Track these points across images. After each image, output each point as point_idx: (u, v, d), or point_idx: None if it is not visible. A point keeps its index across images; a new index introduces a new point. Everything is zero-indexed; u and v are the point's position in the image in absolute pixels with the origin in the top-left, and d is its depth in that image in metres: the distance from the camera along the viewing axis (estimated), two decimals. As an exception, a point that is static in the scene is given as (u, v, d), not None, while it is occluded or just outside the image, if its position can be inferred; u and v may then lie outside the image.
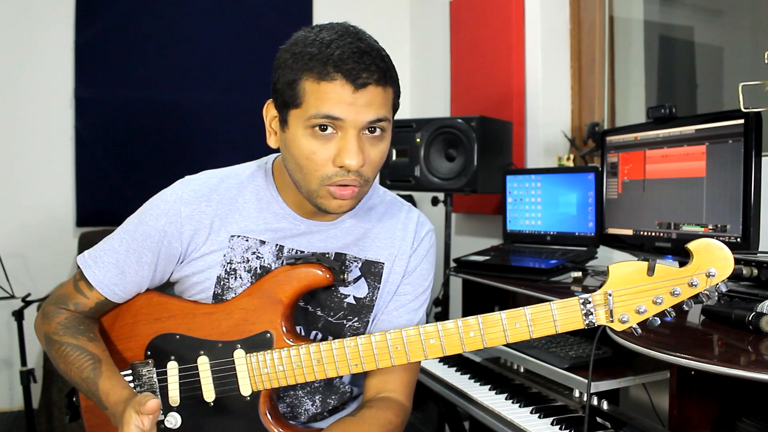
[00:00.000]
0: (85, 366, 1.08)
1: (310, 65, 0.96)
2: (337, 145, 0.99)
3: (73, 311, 1.15)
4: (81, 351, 1.09)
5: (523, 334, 0.97)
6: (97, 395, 1.06)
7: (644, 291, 0.93)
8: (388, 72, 1.00)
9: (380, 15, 3.71)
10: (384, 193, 1.25)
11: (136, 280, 1.13)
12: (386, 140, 1.05)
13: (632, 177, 1.73)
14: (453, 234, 2.77)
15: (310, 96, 0.97)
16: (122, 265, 1.12)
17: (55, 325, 1.13)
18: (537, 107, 2.68)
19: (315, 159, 0.99)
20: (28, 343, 2.55)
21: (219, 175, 1.16)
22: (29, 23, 3.12)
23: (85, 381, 1.07)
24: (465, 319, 0.99)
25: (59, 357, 1.11)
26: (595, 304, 0.95)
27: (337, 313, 1.17)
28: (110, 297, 1.13)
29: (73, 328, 1.12)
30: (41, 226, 3.19)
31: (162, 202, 1.12)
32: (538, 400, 1.53)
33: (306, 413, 1.18)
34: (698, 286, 0.91)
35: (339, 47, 0.96)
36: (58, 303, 1.16)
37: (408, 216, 1.23)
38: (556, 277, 1.77)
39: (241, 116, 3.34)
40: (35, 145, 3.16)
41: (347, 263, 1.16)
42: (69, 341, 1.11)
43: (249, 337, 1.08)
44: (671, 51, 2.75)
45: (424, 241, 1.23)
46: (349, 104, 0.96)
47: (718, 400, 1.21)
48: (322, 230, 1.16)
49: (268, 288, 1.09)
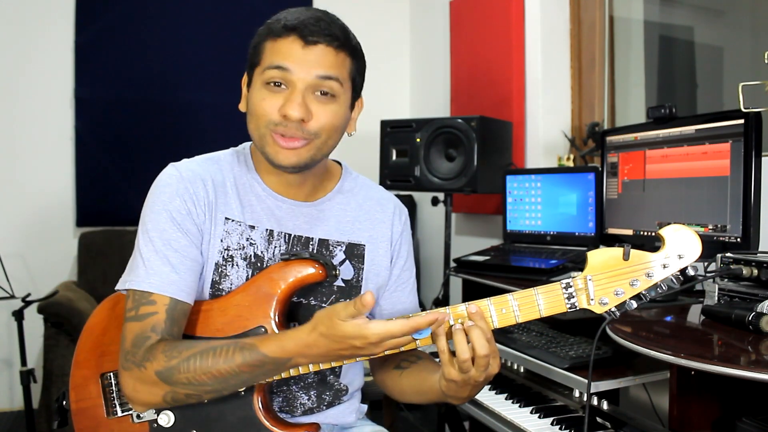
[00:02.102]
0: (229, 354, 1.00)
1: (271, 28, 1.07)
2: (285, 97, 1.06)
3: (157, 338, 1.03)
4: (207, 350, 1.01)
5: (510, 320, 1.01)
6: (270, 359, 0.99)
7: (621, 275, 0.98)
8: (344, 39, 1.07)
9: (380, 15, 3.72)
10: (357, 177, 1.29)
11: (188, 266, 1.08)
12: (339, 104, 1.09)
13: (632, 177, 1.73)
14: (453, 234, 2.77)
15: (267, 53, 1.07)
16: (170, 261, 1.07)
17: (161, 359, 1.00)
18: (537, 107, 2.68)
19: (263, 105, 1.06)
20: (28, 343, 2.55)
21: (201, 159, 1.18)
22: (29, 23, 3.12)
23: (245, 363, 0.99)
24: (454, 307, 1.01)
25: (193, 376, 1.00)
26: (576, 288, 0.99)
27: (329, 297, 1.19)
28: (176, 295, 1.05)
29: (178, 344, 1.02)
30: (41, 226, 3.19)
31: (167, 186, 1.11)
32: (538, 400, 1.53)
33: (301, 407, 1.20)
34: (670, 268, 0.96)
35: (300, 14, 1.06)
36: (137, 346, 1.02)
37: (385, 199, 1.30)
38: (556, 277, 1.77)
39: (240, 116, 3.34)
40: (35, 145, 3.16)
41: (331, 248, 1.20)
42: (188, 353, 1.00)
43: (243, 332, 1.09)
44: (671, 51, 2.75)
45: (405, 225, 1.31)
46: (299, 59, 1.04)
47: (718, 400, 1.21)
48: (303, 211, 1.19)
49: (262, 284, 1.11)
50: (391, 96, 3.74)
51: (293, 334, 0.99)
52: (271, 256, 1.16)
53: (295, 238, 1.18)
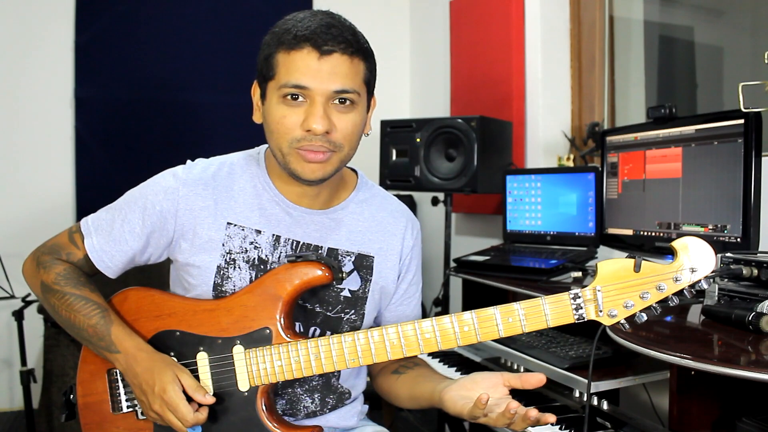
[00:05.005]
0: (93, 314, 1.12)
1: (283, 38, 1.05)
2: (306, 111, 1.05)
3: (66, 261, 1.19)
4: (86, 300, 1.13)
5: (516, 329, 1.00)
6: (108, 339, 1.10)
7: (631, 287, 0.96)
8: (356, 44, 1.06)
9: (380, 15, 3.71)
10: (372, 186, 1.29)
11: (124, 250, 1.16)
12: (357, 112, 1.10)
13: (632, 177, 1.73)
14: (453, 234, 2.77)
15: (282, 67, 1.05)
16: (115, 235, 1.16)
17: (53, 276, 1.16)
18: (537, 107, 2.68)
19: (285, 123, 1.06)
20: (28, 343, 2.55)
21: (216, 162, 1.20)
22: (29, 23, 3.12)
23: (94, 327, 1.11)
24: (459, 314, 1.02)
25: (61, 305, 1.14)
26: (585, 299, 0.98)
27: (335, 307, 1.19)
28: (98, 265, 1.17)
29: (74, 279, 1.16)
30: (41, 226, 3.17)
31: (163, 180, 1.17)
32: (538, 400, 1.53)
33: (305, 410, 1.20)
34: (682, 282, 0.95)
35: (310, 22, 1.05)
36: (52, 253, 1.19)
37: (398, 212, 1.28)
38: (556, 277, 1.77)
39: (241, 116, 3.33)
40: (35, 145, 3.15)
41: (340, 257, 1.19)
42: (71, 291, 1.14)
43: (248, 333, 1.10)
44: (671, 51, 2.75)
45: (417, 239, 1.30)
46: (315, 72, 1.03)
47: (718, 400, 1.21)
48: (315, 219, 1.18)
49: (268, 285, 1.11)
50: (391, 96, 3.74)
51: (138, 341, 1.10)
52: (275, 260, 1.16)
53: (303, 245, 1.17)
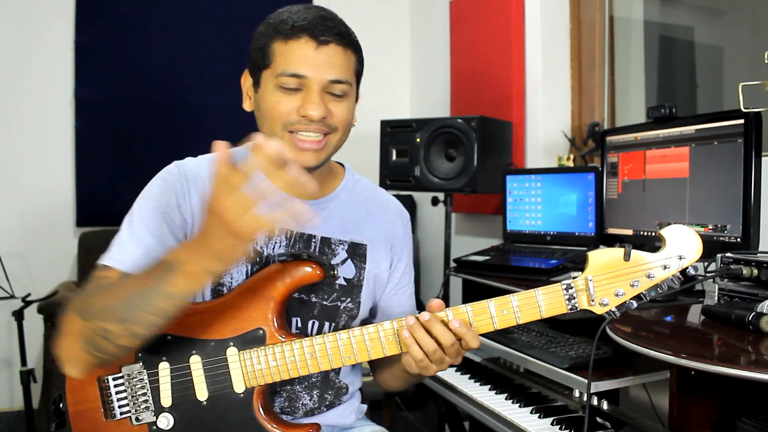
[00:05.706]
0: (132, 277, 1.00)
1: (280, 28, 1.07)
2: (302, 98, 1.07)
3: None
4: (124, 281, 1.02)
5: (510, 321, 1.02)
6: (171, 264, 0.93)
7: (621, 275, 0.98)
8: (348, 36, 1.10)
9: (380, 15, 3.72)
10: (360, 178, 1.31)
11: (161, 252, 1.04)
12: (349, 101, 1.13)
13: (632, 177, 1.73)
14: (453, 234, 2.77)
15: (279, 56, 1.07)
16: (144, 243, 1.08)
17: (76, 296, 1.04)
18: (537, 107, 2.68)
19: (280, 107, 1.07)
20: (28, 343, 2.55)
21: (206, 158, 1.20)
22: (29, 23, 3.12)
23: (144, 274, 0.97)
24: (455, 308, 1.02)
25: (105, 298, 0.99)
26: (577, 289, 0.99)
27: (330, 295, 1.20)
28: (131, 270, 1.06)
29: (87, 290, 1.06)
30: (41, 226, 3.19)
31: (160, 180, 1.17)
32: (538, 400, 1.54)
33: (303, 408, 1.20)
34: (671, 269, 0.96)
35: (306, 13, 1.08)
36: None
37: (387, 201, 1.31)
38: (556, 277, 1.77)
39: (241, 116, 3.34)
40: (35, 145, 3.16)
41: (333, 246, 1.20)
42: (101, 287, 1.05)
43: (241, 334, 1.09)
44: (671, 51, 2.75)
45: (407, 228, 1.32)
46: (312, 61, 1.06)
47: (718, 400, 1.21)
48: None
49: (260, 285, 1.11)
50: (391, 96, 3.74)
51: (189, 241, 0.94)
52: (270, 252, 1.17)
53: (297, 234, 1.18)
